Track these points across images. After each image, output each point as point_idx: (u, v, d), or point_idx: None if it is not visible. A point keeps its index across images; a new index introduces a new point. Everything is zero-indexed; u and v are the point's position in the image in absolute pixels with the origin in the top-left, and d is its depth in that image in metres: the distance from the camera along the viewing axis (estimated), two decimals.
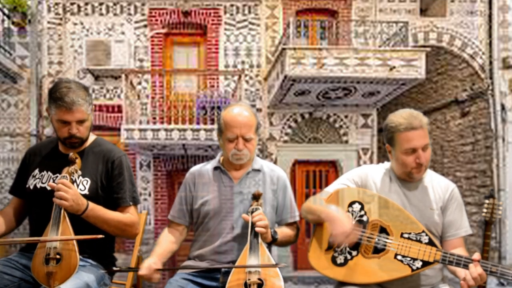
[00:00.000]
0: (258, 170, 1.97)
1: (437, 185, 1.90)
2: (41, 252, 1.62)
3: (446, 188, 1.89)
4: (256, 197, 1.85)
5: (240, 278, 1.64)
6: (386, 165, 1.98)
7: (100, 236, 1.67)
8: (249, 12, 7.75)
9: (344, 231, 1.69)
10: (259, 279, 1.62)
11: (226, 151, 1.91)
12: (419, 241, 1.73)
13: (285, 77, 6.35)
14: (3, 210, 1.96)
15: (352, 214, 1.82)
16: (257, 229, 1.74)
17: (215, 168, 1.98)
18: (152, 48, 7.70)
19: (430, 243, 1.72)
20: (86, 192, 1.82)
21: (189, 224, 2.01)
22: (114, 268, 1.83)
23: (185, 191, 2.00)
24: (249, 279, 1.62)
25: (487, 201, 2.28)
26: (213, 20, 7.74)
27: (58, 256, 1.59)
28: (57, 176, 1.83)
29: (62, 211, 1.68)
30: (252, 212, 1.79)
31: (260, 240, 1.74)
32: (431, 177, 1.93)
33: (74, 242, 1.64)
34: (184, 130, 6.65)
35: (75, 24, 7.63)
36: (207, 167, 2.01)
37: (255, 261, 1.68)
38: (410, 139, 1.78)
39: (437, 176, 1.94)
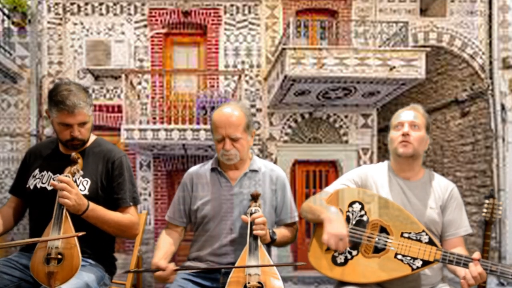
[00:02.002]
0: (256, 171, 1.95)
1: (436, 185, 1.90)
2: (41, 251, 1.61)
3: (446, 188, 1.90)
4: (254, 197, 1.83)
5: (239, 281, 1.63)
6: (385, 163, 1.99)
7: (82, 233, 1.62)
8: (249, 12, 7.75)
9: (338, 234, 1.69)
10: (259, 282, 1.60)
11: (217, 151, 1.91)
12: (419, 240, 1.73)
13: (285, 77, 6.35)
14: (1, 209, 1.96)
15: (352, 214, 1.83)
16: (255, 232, 1.72)
17: (213, 169, 1.97)
18: (152, 48, 7.70)
19: (430, 242, 1.72)
20: (86, 192, 1.82)
21: (187, 225, 2.00)
22: (131, 270, 1.82)
23: (183, 192, 1.98)
24: (248, 282, 1.60)
25: (487, 201, 2.28)
26: (213, 20, 7.74)
27: (59, 256, 1.58)
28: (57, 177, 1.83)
29: (64, 210, 1.68)
30: (251, 214, 1.77)
31: (259, 242, 1.73)
32: (431, 176, 1.94)
33: (76, 242, 1.62)
34: (184, 130, 6.65)
35: (75, 24, 7.63)
36: (205, 167, 2.00)
37: (255, 263, 1.66)
38: (400, 116, 1.91)
39: (436, 176, 1.95)
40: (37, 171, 1.90)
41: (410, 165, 1.90)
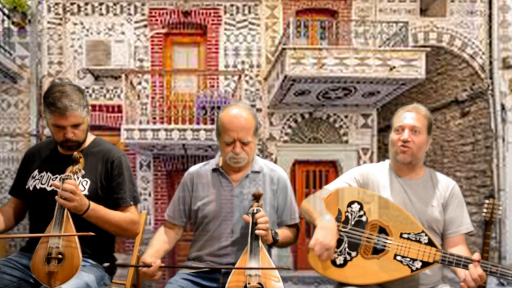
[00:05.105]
0: (258, 172, 1.94)
1: (437, 183, 1.90)
2: (42, 251, 1.60)
3: (447, 186, 1.89)
4: (256, 197, 1.82)
5: (240, 281, 1.63)
6: (386, 163, 1.99)
7: (91, 233, 1.63)
8: (249, 12, 7.74)
9: (325, 243, 1.68)
10: (259, 283, 1.60)
11: (223, 154, 1.88)
12: (419, 241, 1.73)
13: (285, 77, 6.35)
14: (1, 208, 1.96)
15: (351, 214, 1.82)
16: (257, 231, 1.71)
17: (214, 170, 1.96)
18: (152, 48, 7.70)
19: (430, 243, 1.72)
20: (86, 192, 1.82)
21: (185, 224, 2.00)
22: (117, 263, 1.83)
23: (183, 191, 1.97)
24: (249, 283, 1.59)
25: (487, 201, 2.28)
26: (213, 20, 7.74)
27: (60, 256, 1.58)
28: (56, 177, 1.83)
29: (66, 211, 1.67)
30: (252, 214, 1.76)
31: (260, 243, 1.72)
32: (432, 174, 1.94)
33: (77, 242, 1.62)
34: (184, 130, 6.65)
35: (75, 24, 7.63)
36: (206, 167, 1.99)
37: (256, 264, 1.65)
38: (401, 118, 1.87)
39: (437, 174, 1.95)
40: (36, 172, 1.89)
41: (410, 168, 1.90)
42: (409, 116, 1.86)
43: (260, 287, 1.59)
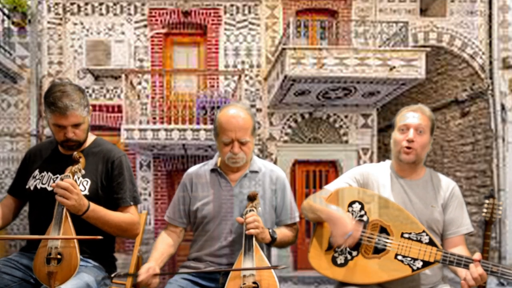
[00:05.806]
0: (256, 172, 1.94)
1: (437, 183, 1.90)
2: (42, 251, 1.61)
3: (447, 186, 1.89)
4: (251, 198, 1.82)
5: (236, 282, 1.64)
6: (387, 163, 1.99)
7: (99, 237, 1.66)
8: (249, 12, 7.75)
9: (344, 232, 1.69)
10: (254, 282, 1.61)
11: (222, 154, 1.89)
12: (420, 241, 1.73)
13: (285, 77, 6.35)
14: None
15: (352, 214, 1.82)
16: (247, 231, 1.72)
17: (212, 170, 1.96)
18: (152, 48, 7.70)
19: (431, 243, 1.72)
20: (86, 192, 1.82)
21: (187, 225, 2.00)
22: (113, 275, 1.83)
23: (183, 192, 1.98)
24: (244, 283, 1.61)
25: (487, 201, 2.27)
26: (213, 20, 7.74)
27: (59, 256, 1.58)
28: (57, 177, 1.83)
29: (65, 210, 1.67)
30: (245, 214, 1.77)
31: (254, 242, 1.72)
32: (432, 175, 1.93)
33: (75, 242, 1.62)
34: (184, 130, 6.65)
35: (75, 24, 7.63)
36: (205, 168, 1.99)
37: (250, 264, 1.66)
38: (406, 117, 1.87)
39: (437, 175, 1.95)
40: (37, 171, 1.89)
41: (412, 168, 1.90)
42: (415, 116, 1.85)
43: (255, 286, 1.60)
